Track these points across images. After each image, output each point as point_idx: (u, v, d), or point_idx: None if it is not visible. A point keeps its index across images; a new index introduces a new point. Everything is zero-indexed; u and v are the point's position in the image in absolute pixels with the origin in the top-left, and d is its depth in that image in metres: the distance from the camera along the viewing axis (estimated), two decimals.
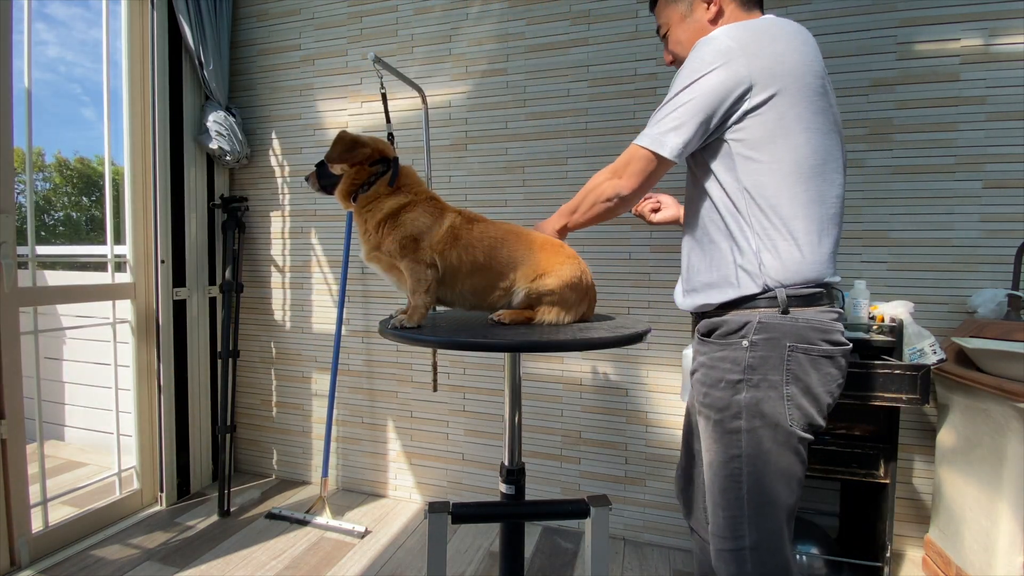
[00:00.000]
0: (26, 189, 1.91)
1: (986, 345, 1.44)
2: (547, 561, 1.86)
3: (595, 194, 1.04)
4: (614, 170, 1.01)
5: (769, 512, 0.93)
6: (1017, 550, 1.37)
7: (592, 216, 1.07)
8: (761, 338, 0.91)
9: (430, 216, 1.06)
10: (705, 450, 1.01)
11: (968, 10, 1.63)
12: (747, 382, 0.92)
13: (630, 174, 0.98)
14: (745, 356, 0.92)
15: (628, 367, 1.98)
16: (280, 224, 2.42)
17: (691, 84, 0.91)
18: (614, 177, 1.01)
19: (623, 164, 0.99)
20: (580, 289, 1.08)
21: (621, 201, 1.02)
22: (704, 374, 1.00)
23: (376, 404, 2.32)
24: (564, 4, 1.97)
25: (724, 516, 0.96)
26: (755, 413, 0.92)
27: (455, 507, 1.02)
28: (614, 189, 1.00)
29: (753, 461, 0.92)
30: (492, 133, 2.09)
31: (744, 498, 0.93)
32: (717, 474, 0.97)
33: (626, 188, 0.99)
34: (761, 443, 0.92)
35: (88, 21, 79.53)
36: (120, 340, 2.13)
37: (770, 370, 0.91)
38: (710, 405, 0.97)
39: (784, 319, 0.91)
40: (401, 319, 1.02)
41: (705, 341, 1.01)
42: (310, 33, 2.31)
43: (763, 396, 0.91)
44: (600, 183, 1.03)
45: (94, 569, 1.75)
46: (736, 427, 0.93)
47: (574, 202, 1.09)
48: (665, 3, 1.07)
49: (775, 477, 0.93)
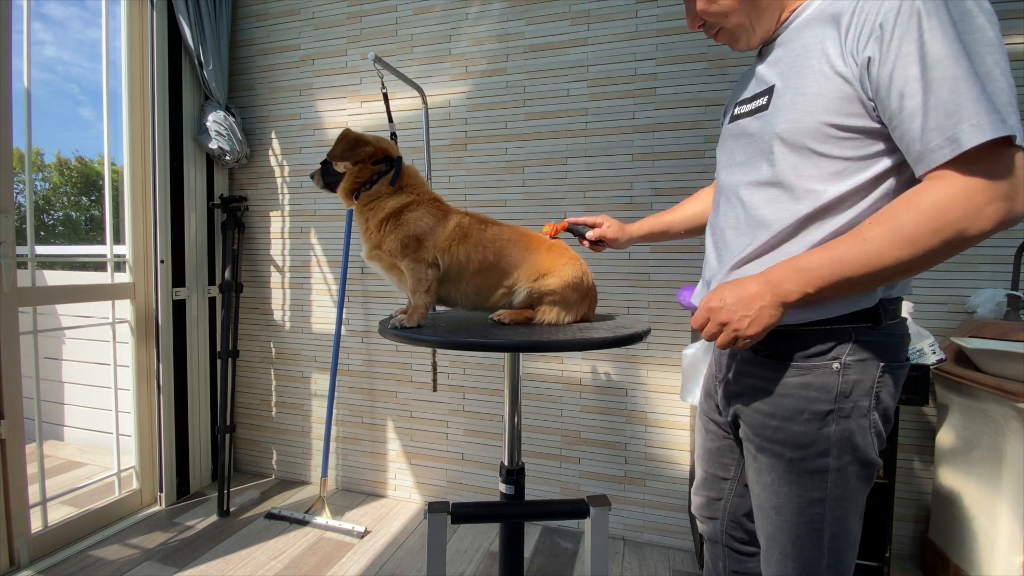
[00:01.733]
0: (25, 189, 1.91)
1: (985, 345, 1.44)
2: (547, 561, 1.86)
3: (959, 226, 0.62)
4: (993, 188, 0.60)
5: (848, 557, 0.81)
6: (1016, 550, 1.38)
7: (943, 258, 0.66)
8: (855, 359, 0.75)
9: (433, 217, 1.07)
10: (768, 492, 0.83)
11: None
12: (838, 412, 0.75)
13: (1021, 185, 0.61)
14: (837, 381, 0.75)
15: (628, 367, 1.98)
16: (280, 224, 2.42)
17: (982, 29, 0.62)
18: (1001, 200, 0.61)
19: (1009, 180, 0.61)
20: (581, 290, 1.09)
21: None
22: (770, 403, 0.80)
23: (376, 404, 2.32)
24: (564, 4, 1.97)
25: (794, 567, 0.81)
26: (846, 448, 0.76)
27: (455, 507, 1.02)
28: (1011, 212, 0.62)
29: (839, 503, 0.78)
30: (492, 133, 2.09)
31: (825, 546, 0.79)
32: (789, 521, 0.80)
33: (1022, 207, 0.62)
34: (849, 482, 0.77)
35: (85, 21, 79.51)
36: (119, 340, 2.13)
37: (861, 396, 0.75)
38: (783, 441, 0.79)
39: (878, 333, 0.76)
40: (401, 319, 1.02)
41: (767, 362, 0.81)
42: (310, 33, 2.31)
43: (855, 427, 0.75)
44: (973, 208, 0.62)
45: (93, 569, 1.75)
46: (822, 466, 0.77)
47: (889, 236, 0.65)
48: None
49: (856, 516, 0.80)
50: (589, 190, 1.98)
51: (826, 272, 0.68)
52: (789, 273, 0.70)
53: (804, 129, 0.72)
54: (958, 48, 0.60)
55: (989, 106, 0.59)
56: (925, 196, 0.63)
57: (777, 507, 0.81)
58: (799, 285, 0.69)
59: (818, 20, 0.73)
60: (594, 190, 1.97)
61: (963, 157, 0.60)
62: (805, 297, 0.70)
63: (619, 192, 1.95)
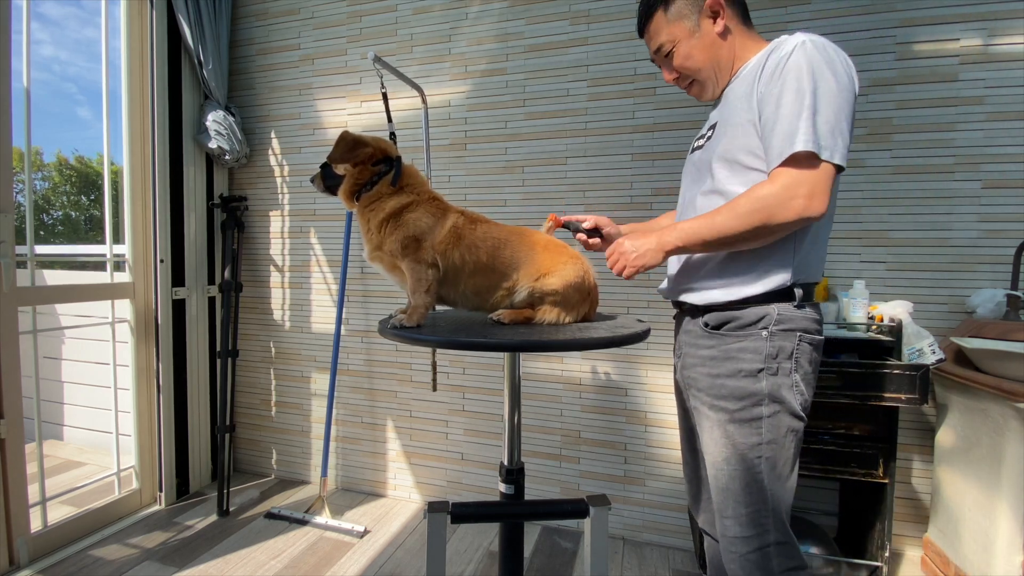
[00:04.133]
0: (25, 188, 1.91)
1: (985, 345, 1.44)
2: (546, 561, 1.86)
3: (767, 213, 0.89)
4: (793, 190, 0.87)
5: (784, 501, 0.97)
6: (1016, 550, 1.38)
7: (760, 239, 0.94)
8: (780, 329, 0.95)
9: (432, 216, 1.06)
10: (717, 445, 1.00)
11: (967, 10, 1.63)
12: (768, 370, 0.95)
13: (822, 193, 0.87)
14: (766, 345, 0.95)
15: (628, 367, 1.98)
16: (279, 223, 2.42)
17: (827, 82, 0.87)
18: (799, 198, 0.87)
19: (811, 185, 0.86)
20: (583, 290, 1.09)
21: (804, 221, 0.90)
22: (715, 366, 1.00)
23: (375, 404, 2.32)
24: (564, 4, 1.97)
25: (747, 512, 0.97)
26: (776, 399, 0.95)
27: (454, 507, 1.02)
28: (806, 210, 0.87)
29: (772, 447, 0.95)
30: (491, 133, 2.09)
31: (766, 488, 0.95)
32: (736, 468, 0.97)
33: (818, 210, 0.87)
34: (780, 428, 0.95)
35: (82, 20, 79.33)
36: (119, 340, 2.13)
37: (784, 359, 0.95)
38: (725, 396, 0.98)
39: (797, 312, 0.96)
40: (400, 319, 1.02)
41: (714, 334, 1.02)
42: (309, 32, 2.31)
43: (781, 383, 0.95)
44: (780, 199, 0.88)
45: (93, 569, 1.75)
46: (756, 414, 0.95)
47: (723, 215, 0.93)
48: (667, 22, 1.05)
49: (788, 464, 0.97)
50: (589, 190, 1.98)
51: (692, 234, 0.96)
52: (672, 232, 0.98)
53: (733, 150, 0.98)
54: (806, 94, 0.87)
55: (811, 131, 0.86)
56: (757, 189, 0.90)
57: (727, 458, 0.99)
58: (674, 239, 0.98)
59: (748, 75, 0.99)
60: (594, 190, 1.97)
61: (788, 161, 0.87)
62: (677, 248, 0.98)
63: (619, 192, 1.94)
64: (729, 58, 1.04)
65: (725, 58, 1.03)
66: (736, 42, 1.03)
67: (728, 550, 1.00)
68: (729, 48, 1.03)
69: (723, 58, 1.03)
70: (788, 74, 0.89)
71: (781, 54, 0.92)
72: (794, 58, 0.89)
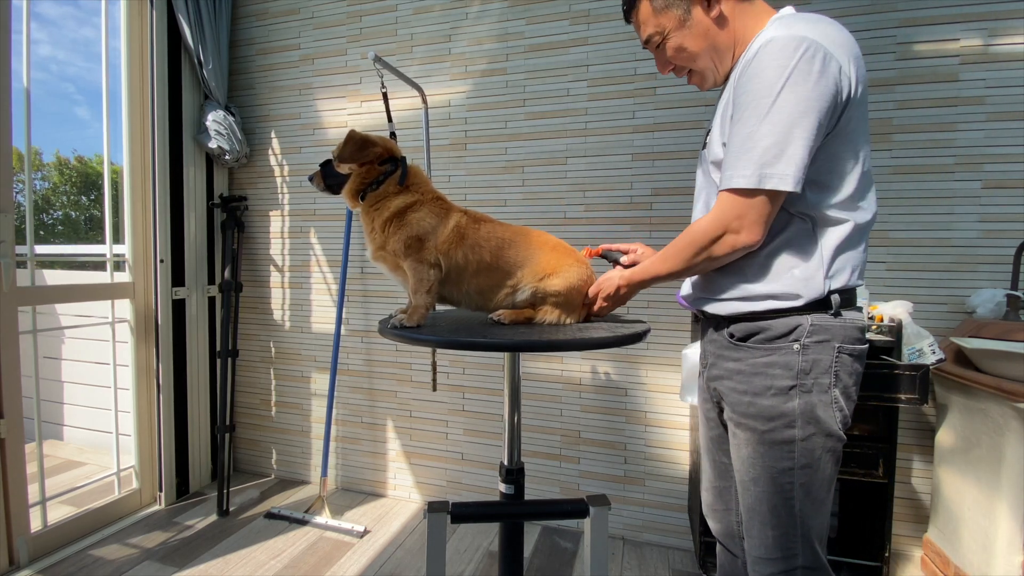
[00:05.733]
0: (25, 188, 1.91)
1: (985, 345, 1.44)
2: (546, 561, 1.86)
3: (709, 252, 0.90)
4: (725, 223, 0.86)
5: (818, 526, 0.90)
6: (1016, 550, 1.38)
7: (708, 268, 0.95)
8: (814, 341, 0.87)
9: (435, 216, 1.06)
10: (746, 465, 0.93)
11: (968, 10, 1.63)
12: (800, 387, 0.87)
13: (753, 223, 0.85)
14: (798, 360, 0.87)
15: (628, 367, 1.98)
16: (279, 223, 2.42)
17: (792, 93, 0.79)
18: (730, 233, 0.86)
19: (741, 215, 0.85)
20: (585, 292, 1.09)
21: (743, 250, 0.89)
22: (743, 382, 0.92)
23: (375, 404, 2.32)
24: (564, 4, 1.97)
25: (773, 535, 0.90)
26: (810, 419, 0.87)
27: (454, 507, 1.02)
28: (736, 243, 0.87)
29: (806, 472, 0.88)
30: (491, 133, 2.09)
31: (797, 514, 0.88)
32: (765, 490, 0.90)
33: (748, 240, 0.86)
34: (814, 452, 0.87)
35: (79, 20, 79.37)
36: (119, 339, 2.13)
37: (821, 374, 0.87)
38: (755, 415, 0.90)
39: (835, 321, 0.87)
40: (401, 318, 1.02)
41: (740, 346, 0.93)
42: (309, 32, 2.31)
43: (816, 401, 0.86)
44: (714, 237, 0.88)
45: (93, 569, 1.75)
46: (789, 437, 0.87)
47: (673, 255, 0.96)
48: (654, 11, 0.95)
49: (824, 487, 0.89)
50: (589, 190, 1.98)
51: (650, 272, 1.00)
52: (638, 269, 1.03)
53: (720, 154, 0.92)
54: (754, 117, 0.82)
55: (751, 164, 0.82)
56: (696, 225, 0.91)
57: (755, 479, 0.92)
58: (638, 276, 1.03)
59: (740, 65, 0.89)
60: (594, 190, 1.97)
61: (725, 192, 0.86)
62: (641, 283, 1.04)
63: (619, 192, 1.94)
64: (729, 43, 0.93)
65: (724, 44, 0.93)
66: (736, 24, 0.92)
67: (752, 569, 0.95)
68: (728, 33, 0.92)
69: (722, 44, 0.93)
70: (748, 85, 0.83)
71: (749, 56, 0.85)
72: (754, 66, 0.82)
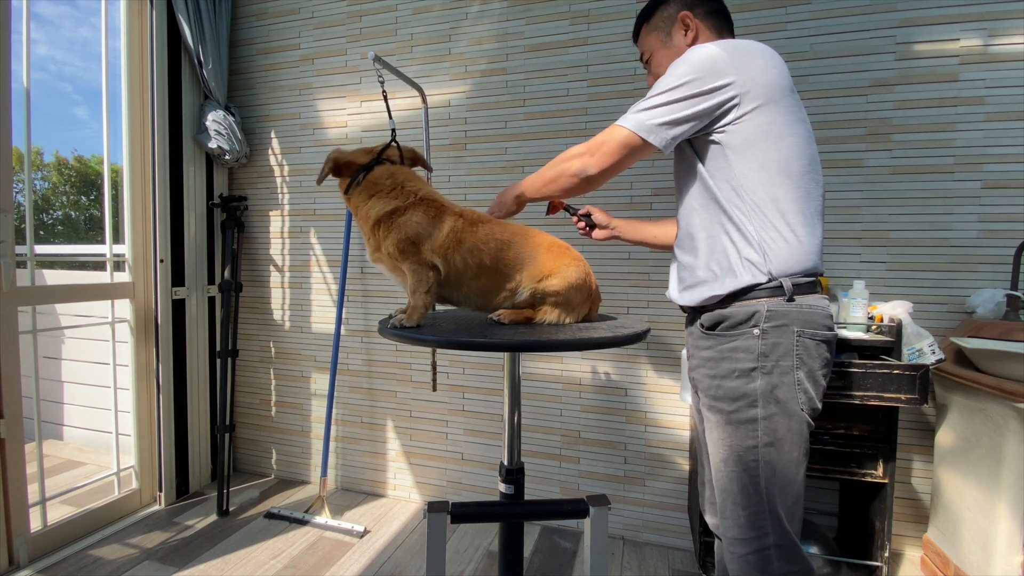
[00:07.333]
0: (25, 188, 1.91)
1: (984, 345, 1.44)
2: (546, 561, 1.86)
3: (561, 168, 1.06)
4: (587, 148, 1.03)
5: (787, 503, 0.95)
6: (1015, 550, 1.38)
7: (554, 190, 1.09)
8: (771, 325, 0.94)
9: (426, 217, 1.05)
10: (717, 447, 1.00)
11: (967, 10, 1.63)
12: (761, 369, 0.93)
13: (604, 154, 1.01)
14: (757, 344, 0.94)
15: (627, 367, 1.98)
16: (279, 223, 2.42)
17: (687, 83, 0.95)
18: (585, 155, 1.03)
19: (597, 144, 1.02)
20: (584, 291, 1.09)
21: (586, 180, 1.04)
22: (712, 367, 1.00)
23: (375, 404, 2.32)
24: (564, 4, 1.97)
25: (745, 515, 0.96)
26: (771, 399, 0.93)
27: (454, 507, 1.02)
28: (582, 166, 1.03)
29: (770, 450, 0.93)
30: (491, 133, 2.09)
31: (763, 491, 0.94)
32: (734, 469, 0.97)
33: (595, 167, 1.02)
34: (777, 431, 0.93)
35: (76, 20, 79.36)
36: (119, 339, 2.13)
37: (782, 356, 0.93)
38: (722, 397, 0.98)
39: (791, 306, 0.94)
40: (400, 319, 1.02)
41: (710, 335, 1.01)
42: (309, 32, 2.31)
43: (777, 382, 0.93)
44: (569, 158, 1.05)
45: (92, 569, 1.75)
46: (752, 416, 0.94)
47: (539, 172, 1.12)
48: (647, 32, 1.15)
49: (792, 468, 0.95)
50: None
51: (528, 185, 1.14)
52: (522, 183, 1.16)
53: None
54: (656, 91, 0.98)
55: (632, 112, 0.99)
56: (573, 147, 1.06)
57: (725, 459, 0.98)
58: (521, 189, 1.16)
59: None
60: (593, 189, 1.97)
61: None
62: (522, 194, 1.16)
63: (619, 192, 1.94)
64: None
65: None
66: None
67: (728, 550, 1.00)
68: None
69: None
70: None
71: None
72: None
